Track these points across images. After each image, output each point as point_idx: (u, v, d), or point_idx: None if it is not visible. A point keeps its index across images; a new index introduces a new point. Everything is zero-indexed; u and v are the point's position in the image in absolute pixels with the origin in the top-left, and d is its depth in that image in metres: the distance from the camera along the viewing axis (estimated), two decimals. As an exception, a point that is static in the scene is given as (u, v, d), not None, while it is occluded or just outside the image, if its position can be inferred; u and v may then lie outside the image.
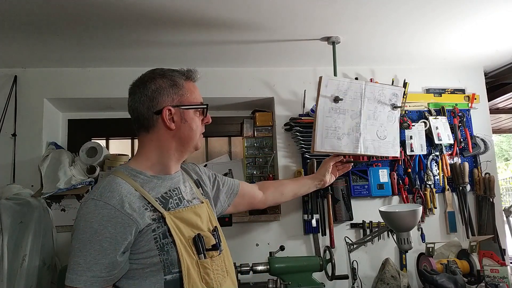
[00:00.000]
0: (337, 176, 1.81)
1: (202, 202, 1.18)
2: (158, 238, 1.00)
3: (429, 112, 2.29)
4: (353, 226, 2.17)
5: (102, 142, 2.34)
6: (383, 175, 2.17)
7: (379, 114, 1.78)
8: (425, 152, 2.22)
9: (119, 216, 0.95)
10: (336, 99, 1.73)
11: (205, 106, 1.16)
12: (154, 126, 1.09)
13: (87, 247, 0.92)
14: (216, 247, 1.09)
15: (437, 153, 2.25)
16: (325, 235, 2.13)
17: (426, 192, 2.19)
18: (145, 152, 1.11)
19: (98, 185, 1.01)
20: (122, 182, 1.02)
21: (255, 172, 2.32)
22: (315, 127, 1.72)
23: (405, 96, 2.23)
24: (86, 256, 0.92)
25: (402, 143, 2.23)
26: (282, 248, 1.86)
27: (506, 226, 2.13)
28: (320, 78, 1.73)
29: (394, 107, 1.81)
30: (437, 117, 2.26)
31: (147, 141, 1.11)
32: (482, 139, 2.28)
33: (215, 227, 1.17)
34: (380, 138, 1.77)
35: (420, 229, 2.18)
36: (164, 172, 1.12)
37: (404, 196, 2.19)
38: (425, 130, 2.24)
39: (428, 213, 2.20)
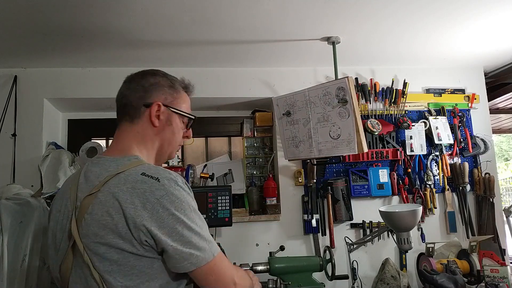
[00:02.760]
0: None
1: None
2: None
3: (429, 112, 2.29)
4: (353, 226, 2.17)
5: (102, 142, 2.34)
6: (383, 175, 2.17)
7: (329, 114, 1.77)
8: (425, 152, 2.22)
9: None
10: (287, 113, 1.94)
11: (193, 117, 1.13)
12: (139, 118, 1.05)
13: (203, 222, 0.95)
14: None
15: (437, 153, 2.25)
16: (325, 235, 2.13)
17: (426, 192, 2.19)
18: (133, 146, 1.05)
19: (156, 169, 0.93)
20: None
21: (255, 172, 2.32)
22: (281, 141, 2.01)
23: (405, 96, 2.24)
24: (206, 228, 0.95)
25: (402, 143, 2.23)
26: (282, 248, 1.86)
27: (506, 226, 2.13)
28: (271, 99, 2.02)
29: (341, 102, 1.72)
30: (437, 117, 2.26)
31: (132, 132, 1.06)
32: (482, 139, 2.28)
33: None
34: (333, 138, 1.76)
35: (420, 229, 2.18)
36: None
37: (404, 196, 2.19)
38: (425, 130, 2.24)
39: (428, 213, 2.20)
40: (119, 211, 0.85)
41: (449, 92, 2.35)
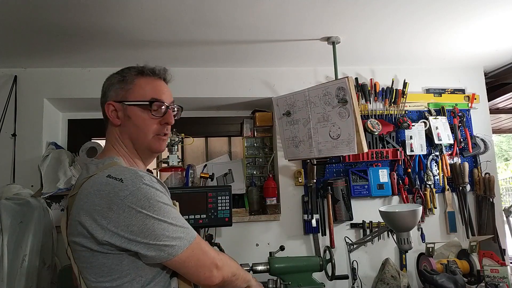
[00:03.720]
0: None
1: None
2: None
3: (429, 112, 2.29)
4: (353, 226, 2.17)
5: (102, 142, 2.34)
6: (383, 175, 2.17)
7: (329, 114, 1.78)
8: (425, 152, 2.22)
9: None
10: (287, 113, 1.94)
11: (146, 103, 1.03)
12: (106, 121, 1.08)
13: (176, 212, 0.95)
14: None
15: (437, 153, 2.25)
16: (325, 235, 2.13)
17: (426, 192, 2.19)
18: (110, 147, 1.07)
19: (122, 170, 0.93)
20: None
21: (255, 172, 2.32)
22: (281, 141, 2.01)
23: (405, 96, 2.24)
24: (180, 217, 0.95)
25: (402, 143, 2.23)
26: (282, 248, 1.86)
27: (506, 226, 2.13)
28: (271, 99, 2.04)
29: (341, 102, 1.72)
30: (437, 117, 2.26)
31: (108, 134, 1.08)
32: (482, 139, 2.28)
33: None
34: (333, 138, 1.76)
35: (420, 229, 2.18)
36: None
37: (404, 196, 2.19)
38: (425, 130, 2.24)
39: (428, 213, 2.20)
40: (87, 214, 0.88)
41: (449, 92, 2.35)
